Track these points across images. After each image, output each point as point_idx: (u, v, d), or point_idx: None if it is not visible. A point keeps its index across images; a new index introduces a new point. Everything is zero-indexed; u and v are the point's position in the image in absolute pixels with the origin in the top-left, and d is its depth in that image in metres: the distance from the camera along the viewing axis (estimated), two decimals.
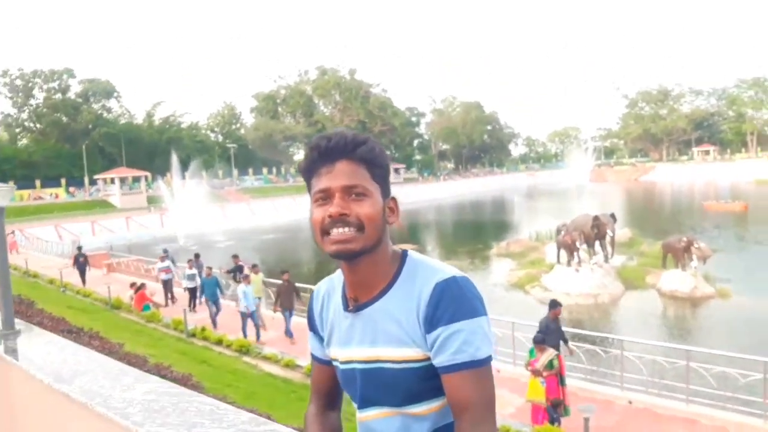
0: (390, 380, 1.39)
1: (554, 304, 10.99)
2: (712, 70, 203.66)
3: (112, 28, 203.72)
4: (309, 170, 1.42)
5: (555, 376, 9.24)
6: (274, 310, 15.80)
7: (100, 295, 19.80)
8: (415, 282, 1.40)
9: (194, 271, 19.29)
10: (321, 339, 1.58)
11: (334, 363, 1.54)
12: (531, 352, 9.67)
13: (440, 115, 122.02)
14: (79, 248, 26.04)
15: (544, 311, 21.57)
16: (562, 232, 25.23)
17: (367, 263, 1.40)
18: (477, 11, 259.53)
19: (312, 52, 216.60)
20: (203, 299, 17.86)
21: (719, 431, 9.27)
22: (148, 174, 69.00)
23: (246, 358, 13.26)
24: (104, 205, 62.59)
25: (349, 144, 1.39)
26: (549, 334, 10.19)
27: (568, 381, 9.80)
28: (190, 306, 18.60)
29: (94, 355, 3.26)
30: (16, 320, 3.96)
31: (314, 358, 1.63)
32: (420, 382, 1.38)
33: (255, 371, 12.19)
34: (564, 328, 14.20)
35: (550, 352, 9.34)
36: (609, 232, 25.29)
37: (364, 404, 1.46)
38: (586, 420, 7.90)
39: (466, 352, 1.31)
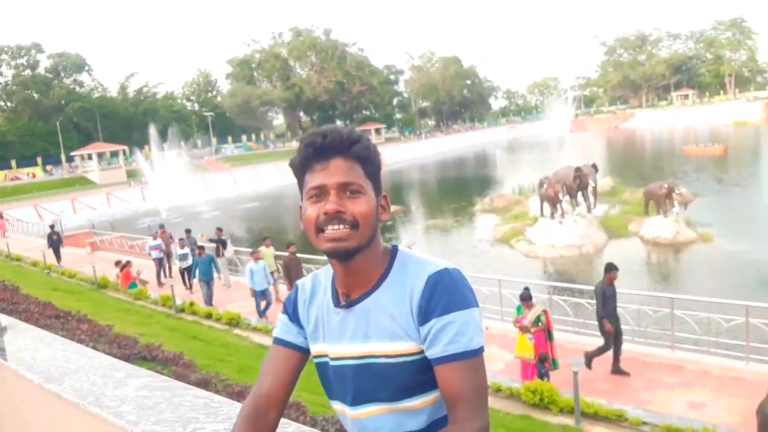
0: (384, 375, 1.40)
1: (610, 267, 10.19)
2: (689, 12, 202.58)
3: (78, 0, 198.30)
4: (302, 166, 1.42)
5: (543, 332, 9.38)
6: (288, 289, 14.86)
7: (85, 274, 19.69)
8: (406, 275, 1.41)
9: (186, 249, 18.62)
10: (300, 328, 1.55)
11: (321, 359, 1.52)
12: (518, 309, 9.79)
13: (419, 71, 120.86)
14: (52, 227, 26.44)
15: (529, 265, 22.11)
16: (545, 185, 25.33)
17: (360, 260, 1.40)
18: None
19: (285, 12, 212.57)
20: (195, 280, 17.07)
21: (704, 375, 9.50)
22: (126, 148, 68.00)
23: (237, 331, 13.34)
24: (83, 182, 61.79)
25: (345, 141, 1.38)
26: (606, 300, 9.82)
27: (556, 335, 9.96)
28: (185, 286, 18.23)
29: (83, 349, 3.25)
30: (1, 316, 3.93)
31: (283, 342, 1.55)
32: (414, 376, 1.38)
33: (246, 343, 12.26)
34: (550, 283, 14.43)
35: (537, 308, 9.47)
36: (591, 183, 25.46)
37: (357, 401, 1.45)
38: (575, 374, 8.06)
39: (459, 343, 1.32)
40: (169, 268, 20.85)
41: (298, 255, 15.18)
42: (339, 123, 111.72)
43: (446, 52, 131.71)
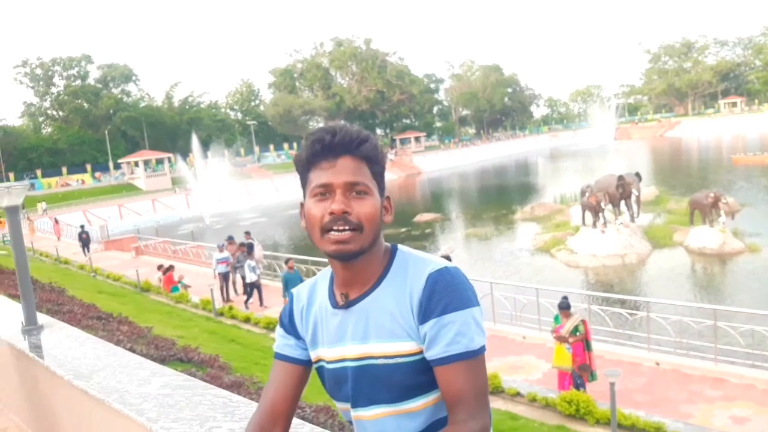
0: (384, 376, 1.37)
1: None
2: (737, 18, 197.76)
3: (126, 12, 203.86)
4: (308, 163, 1.39)
5: (581, 342, 9.22)
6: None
7: (129, 278, 20.16)
8: (406, 274, 1.39)
9: (254, 262, 17.09)
10: (297, 339, 1.53)
11: (320, 364, 1.50)
12: (556, 318, 9.64)
13: (459, 80, 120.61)
14: (82, 226, 30.92)
15: (570, 275, 21.76)
16: (587, 194, 24.92)
17: (362, 261, 1.38)
18: None
19: (327, 23, 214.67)
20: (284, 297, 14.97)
21: (748, 389, 9.20)
22: (171, 155, 69.56)
23: (273, 335, 13.44)
24: (130, 189, 63.37)
25: (354, 140, 1.36)
26: None
27: (594, 345, 9.77)
28: (252, 301, 16.85)
29: (113, 348, 3.33)
30: (39, 315, 4.05)
31: (282, 357, 1.54)
32: (414, 377, 1.36)
33: None
34: (588, 292, 14.18)
35: (575, 318, 9.31)
36: (634, 191, 24.95)
37: (357, 403, 1.43)
38: (612, 384, 7.88)
39: (460, 343, 1.30)
40: (234, 282, 18.46)
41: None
42: (379, 132, 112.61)
43: (487, 60, 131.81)
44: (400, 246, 1.47)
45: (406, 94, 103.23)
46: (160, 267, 19.70)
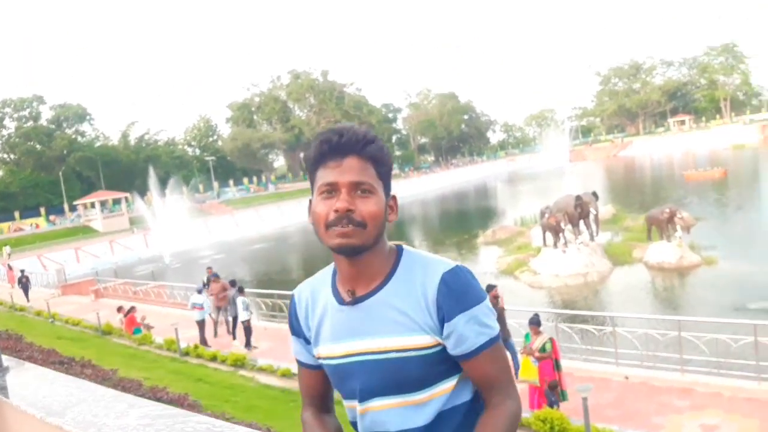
0: (394, 369, 1.42)
1: None
2: (681, 39, 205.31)
3: (78, 51, 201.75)
4: (316, 162, 1.45)
5: (550, 360, 9.30)
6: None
7: (89, 322, 19.62)
8: (415, 273, 1.45)
9: (245, 298, 16.13)
10: (307, 342, 1.58)
11: (324, 361, 1.53)
12: (527, 336, 9.74)
13: (416, 108, 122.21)
14: (22, 271, 30.51)
15: (534, 295, 21.97)
16: (546, 215, 25.33)
17: (367, 258, 1.44)
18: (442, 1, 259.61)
19: (283, 56, 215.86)
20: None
21: (715, 397, 9.39)
22: (128, 195, 68.45)
23: (242, 372, 13.23)
24: (86, 231, 61.99)
25: (360, 141, 1.42)
26: None
27: (563, 363, 9.87)
28: (246, 343, 15.74)
29: (86, 384, 3.24)
30: (4, 357, 3.92)
31: (301, 364, 1.63)
32: (425, 369, 1.43)
33: (252, 384, 12.16)
34: (556, 310, 14.33)
35: (544, 336, 9.41)
36: (592, 211, 25.46)
37: (365, 396, 1.47)
38: (585, 399, 7.95)
39: (485, 333, 1.41)
40: (233, 323, 16.94)
41: None
42: None
43: (443, 88, 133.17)
44: (405, 246, 1.53)
45: (365, 124, 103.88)
46: (120, 309, 19.23)
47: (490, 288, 10.92)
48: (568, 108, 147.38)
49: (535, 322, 9.49)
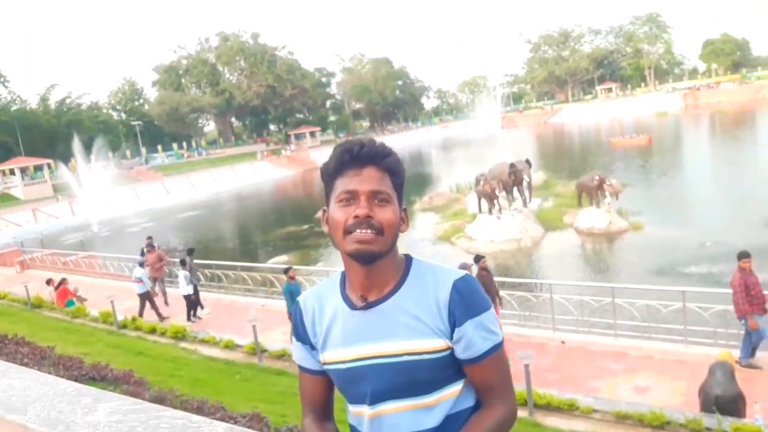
0: (407, 372, 1.47)
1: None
2: (609, 8, 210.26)
3: None
4: (335, 171, 1.50)
5: None
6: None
7: (16, 295, 18.83)
8: (426, 280, 1.50)
9: (186, 272, 15.50)
10: (312, 348, 1.58)
11: (332, 366, 1.54)
12: None
13: (350, 73, 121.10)
14: None
15: (470, 261, 22.42)
16: (481, 182, 25.74)
17: (380, 265, 1.48)
18: None
19: (210, 18, 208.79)
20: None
21: (647, 360, 9.88)
22: (51, 161, 65.49)
23: (183, 344, 13.02)
24: (6, 199, 59.11)
25: (379, 153, 1.50)
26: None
27: (504, 329, 10.15)
28: (189, 318, 15.42)
29: (43, 376, 3.11)
30: None
31: (305, 370, 1.64)
32: (436, 372, 1.48)
33: (195, 356, 12.00)
34: (496, 278, 14.67)
35: None
36: (525, 178, 26.02)
37: (376, 399, 1.50)
38: (527, 366, 8.23)
39: (490, 339, 1.49)
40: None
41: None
42: (273, 127, 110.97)
43: (376, 53, 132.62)
44: (413, 256, 1.59)
45: (298, 89, 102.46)
46: (49, 281, 18.47)
47: (479, 259, 10.85)
48: (500, 75, 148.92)
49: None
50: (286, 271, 13.05)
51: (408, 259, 1.56)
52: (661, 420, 7.66)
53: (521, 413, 8.49)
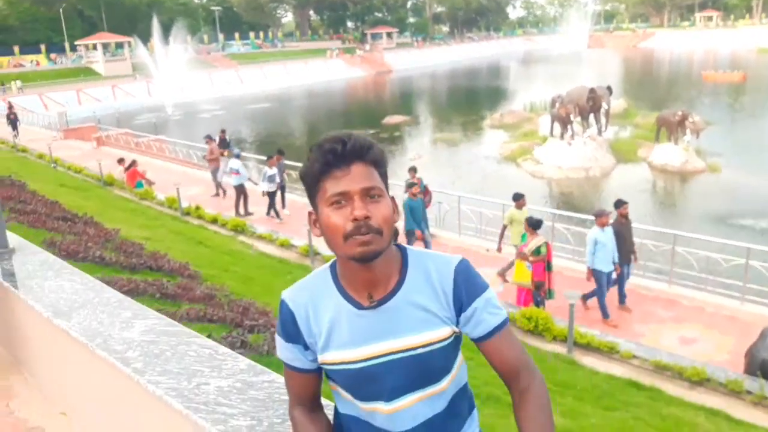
0: (422, 363, 1.47)
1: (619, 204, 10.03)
2: None
3: None
4: (321, 173, 1.41)
5: (542, 262, 9.45)
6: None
7: (91, 171, 19.74)
8: (425, 269, 1.49)
9: (274, 171, 15.13)
10: (304, 348, 1.55)
11: (339, 366, 1.51)
12: (523, 236, 9.84)
13: None
14: (10, 105, 31.54)
15: (534, 185, 22.06)
16: (557, 104, 24.90)
17: (381, 261, 1.44)
18: None
19: None
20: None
21: (698, 311, 9.66)
22: (131, 39, 66.58)
23: (241, 237, 13.48)
24: (88, 73, 60.88)
25: (364, 147, 1.41)
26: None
27: (555, 261, 10.04)
28: (268, 213, 15.28)
29: (91, 281, 3.27)
30: (10, 235, 3.94)
31: (294, 368, 1.58)
32: (446, 359, 1.50)
33: (251, 251, 12.42)
34: (557, 211, 14.42)
35: (539, 239, 9.49)
36: (604, 105, 24.98)
37: (394, 395, 1.50)
38: (571, 306, 8.19)
39: (498, 315, 1.49)
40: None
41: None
42: (350, 24, 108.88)
43: None
44: (407, 246, 1.55)
45: None
46: (121, 161, 19.06)
47: (620, 204, 10.22)
48: None
49: (533, 224, 9.51)
50: (409, 186, 12.07)
51: (401, 249, 1.53)
52: (701, 376, 7.56)
53: (561, 349, 8.55)
